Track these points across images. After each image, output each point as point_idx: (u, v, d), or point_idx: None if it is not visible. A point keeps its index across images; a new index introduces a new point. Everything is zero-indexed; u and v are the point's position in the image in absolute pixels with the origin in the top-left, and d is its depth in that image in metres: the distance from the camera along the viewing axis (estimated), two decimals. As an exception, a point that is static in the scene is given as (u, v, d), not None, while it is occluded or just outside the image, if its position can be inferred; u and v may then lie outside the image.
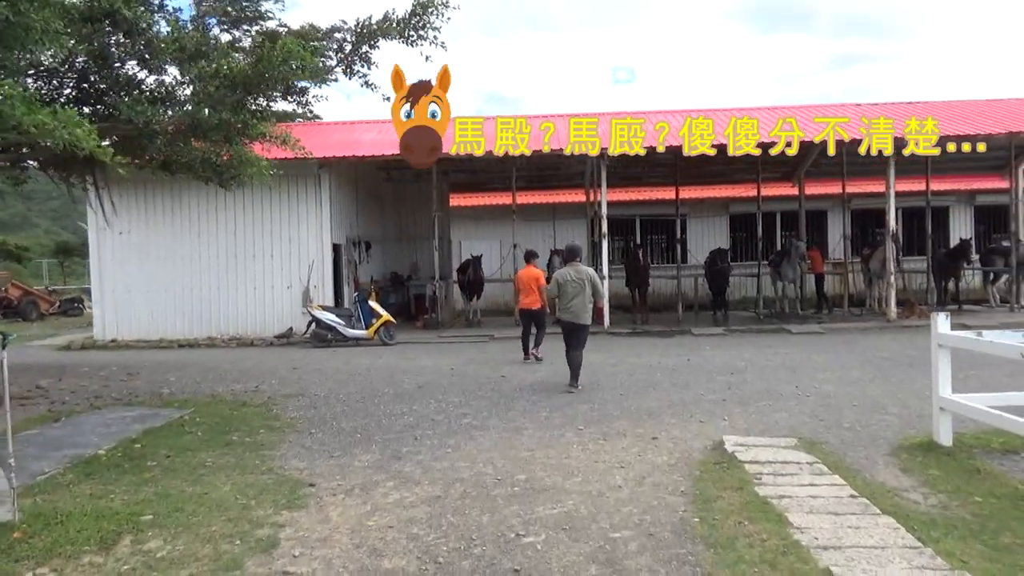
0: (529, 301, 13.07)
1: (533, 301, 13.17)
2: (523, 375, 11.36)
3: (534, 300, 13.15)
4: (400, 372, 11.89)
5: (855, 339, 14.56)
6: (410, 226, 23.20)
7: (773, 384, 10.07)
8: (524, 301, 12.95)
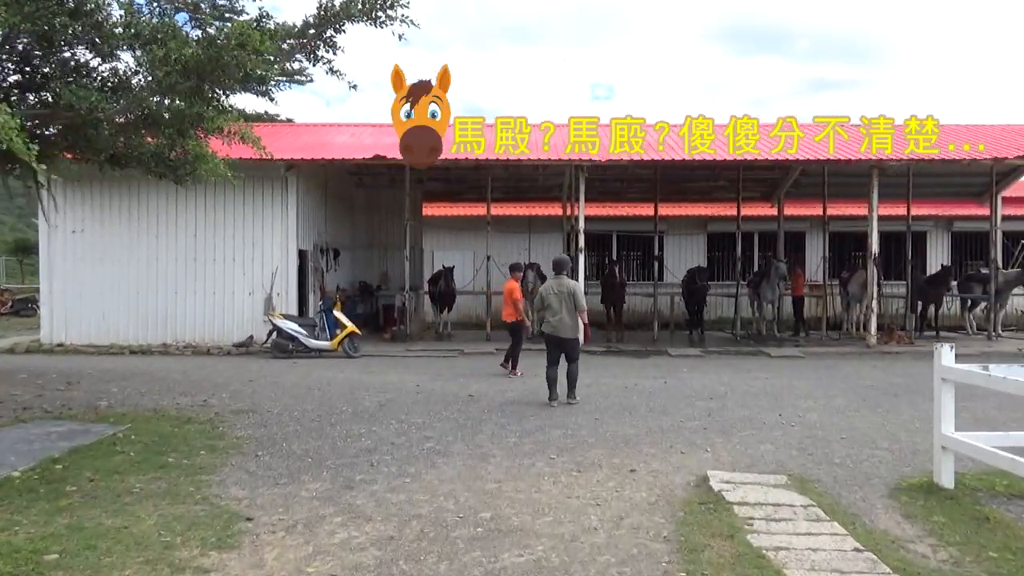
0: (504, 314, 12.83)
1: (508, 314, 12.70)
2: (493, 394, 10.73)
3: (508, 313, 12.69)
4: (362, 388, 11.20)
5: (836, 364, 14.14)
6: (381, 234, 22.49)
7: (755, 412, 9.55)
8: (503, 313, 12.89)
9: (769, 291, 18.62)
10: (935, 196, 22.91)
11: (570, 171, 17.93)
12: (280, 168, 15.70)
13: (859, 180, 21.07)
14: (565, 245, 21.37)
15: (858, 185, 21.38)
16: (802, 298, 19.44)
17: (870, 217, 16.07)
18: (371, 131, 19.41)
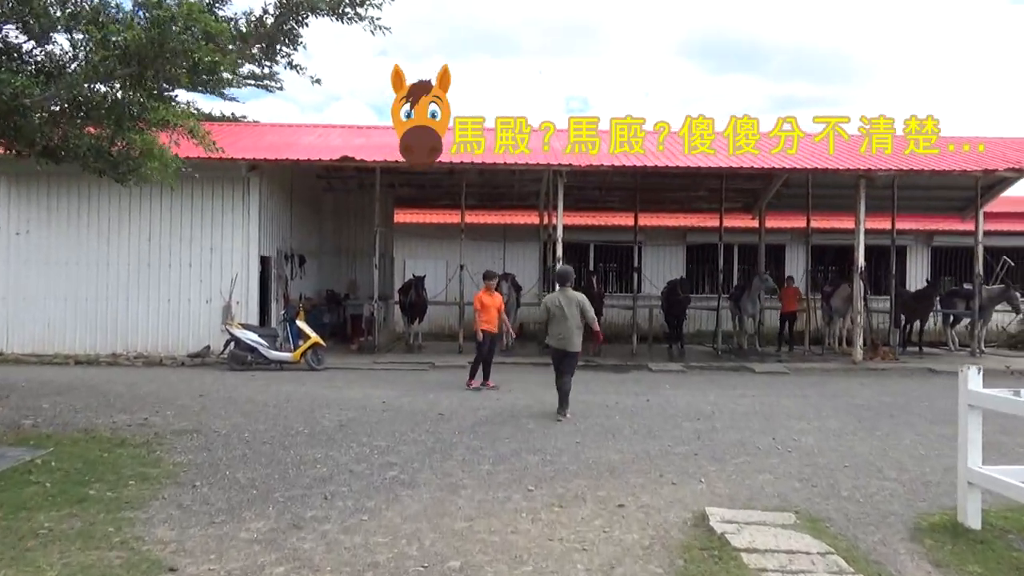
0: (492, 325, 12.25)
1: (484, 323, 12.13)
2: (464, 412, 9.93)
3: (484, 322, 12.15)
4: (323, 404, 10.33)
5: (823, 382, 13.56)
6: (350, 241, 21.59)
7: (747, 434, 8.87)
8: None
9: (751, 304, 18.07)
10: (916, 210, 22.59)
11: (548, 176, 17.24)
12: (241, 169, 14.80)
13: (843, 192, 20.69)
14: (541, 255, 20.69)
15: (841, 197, 20.99)
16: (794, 314, 18.65)
17: (857, 230, 15.58)
18: (340, 132, 18.57)
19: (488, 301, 12.14)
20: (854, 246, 22.89)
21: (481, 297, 12.20)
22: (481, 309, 12.09)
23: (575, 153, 15.22)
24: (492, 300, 12.19)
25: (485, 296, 12.20)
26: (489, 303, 12.13)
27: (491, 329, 12.10)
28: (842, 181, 20.06)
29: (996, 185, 19.08)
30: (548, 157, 15.22)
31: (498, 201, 22.75)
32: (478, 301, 12.19)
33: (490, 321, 12.08)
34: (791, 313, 18.82)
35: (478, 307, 12.14)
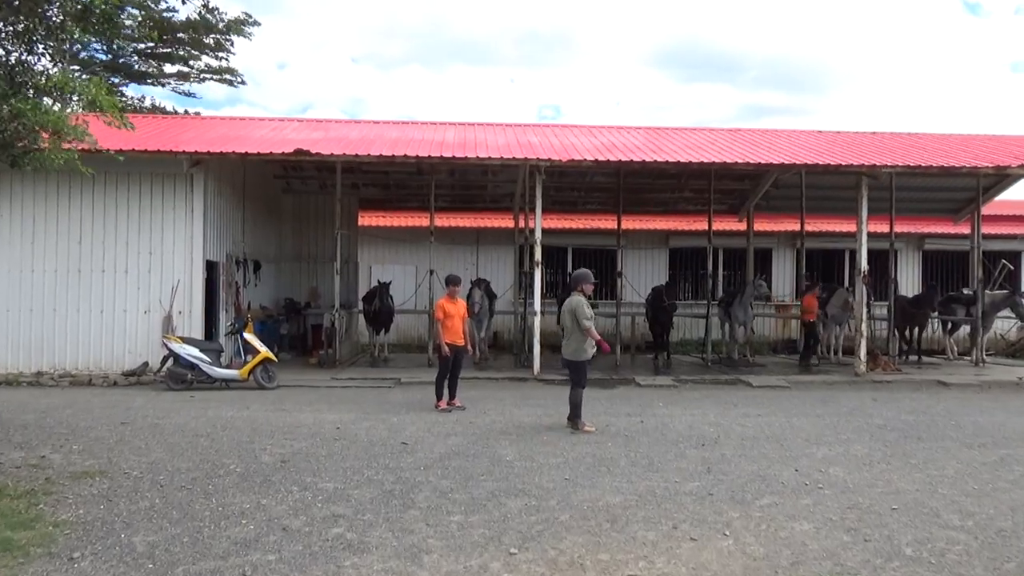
0: (456, 337, 10.86)
1: (448, 334, 10.77)
2: (432, 440, 8.50)
3: (448, 333, 10.78)
4: (266, 432, 8.82)
5: (831, 397, 12.32)
6: (311, 246, 20.03)
7: (764, 465, 7.55)
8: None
9: (742, 312, 16.86)
10: (907, 212, 21.59)
11: (524, 173, 15.90)
12: (183, 163, 13.22)
13: (834, 193, 19.68)
14: (517, 260, 19.31)
15: (834, 199, 19.99)
16: (814, 323, 16.78)
17: (858, 231, 14.41)
18: (296, 126, 17.06)
19: (451, 309, 10.75)
20: (855, 249, 21.41)
21: (443, 304, 10.81)
22: (444, 318, 10.71)
23: (555, 147, 13.91)
24: (456, 308, 10.80)
25: (447, 303, 10.80)
26: (452, 311, 10.74)
27: (456, 341, 10.71)
28: (835, 182, 19.06)
29: (995, 185, 18.16)
30: (525, 151, 13.88)
31: (471, 203, 21.37)
32: (440, 309, 10.81)
33: (454, 332, 10.69)
34: (812, 322, 16.52)
35: (440, 316, 10.76)
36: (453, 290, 10.91)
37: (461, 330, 10.81)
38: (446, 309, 10.76)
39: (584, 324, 9.20)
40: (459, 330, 10.77)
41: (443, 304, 10.83)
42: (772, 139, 16.15)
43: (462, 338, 10.85)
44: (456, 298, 10.96)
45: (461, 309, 10.91)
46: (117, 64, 25.12)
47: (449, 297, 10.94)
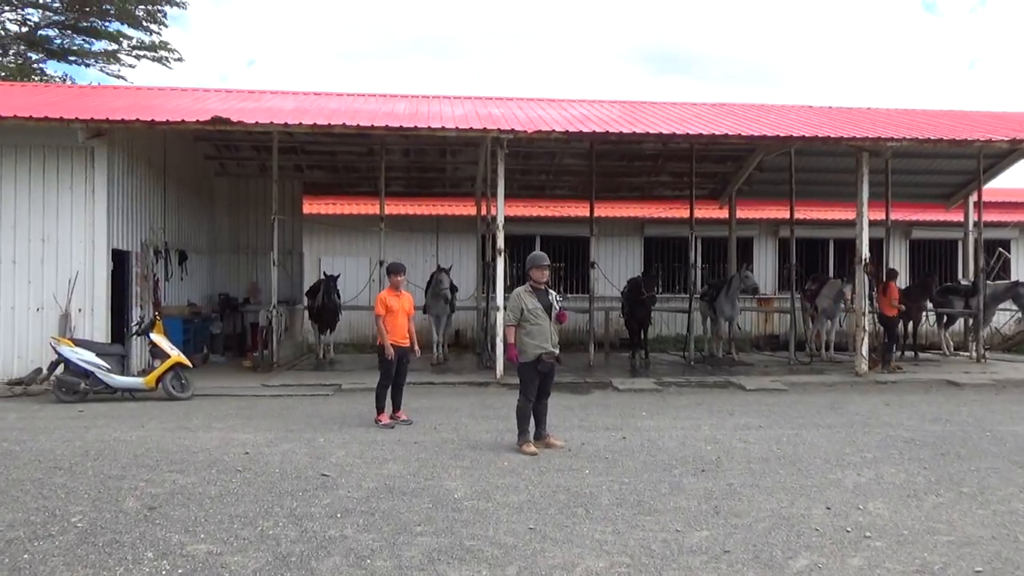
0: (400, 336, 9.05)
1: (403, 335, 9.03)
2: (362, 470, 6.69)
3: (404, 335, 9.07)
4: (149, 463, 6.92)
5: (836, 403, 10.72)
6: (250, 236, 17.98)
7: (784, 500, 5.88)
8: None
9: (728, 306, 15.27)
10: (895, 197, 20.27)
11: (486, 153, 14.12)
12: (77, 133, 11.17)
13: (823, 176, 18.25)
14: (480, 249, 17.53)
15: (822, 183, 18.56)
16: (893, 318, 14.34)
17: (859, 214, 12.87)
18: (223, 95, 15.04)
19: (394, 303, 8.96)
20: (841, 238, 20.83)
21: (384, 298, 9.02)
22: (385, 314, 8.92)
23: (519, 120, 12.15)
24: (399, 302, 9.01)
25: (390, 297, 9.01)
26: (396, 306, 8.95)
27: (400, 341, 8.94)
28: (825, 164, 17.64)
29: (994, 165, 16.84)
30: (485, 122, 12.07)
31: (429, 188, 19.52)
32: (380, 304, 9.02)
33: (398, 330, 8.91)
34: (891, 316, 14.29)
35: (380, 311, 8.97)
36: (396, 281, 9.10)
37: (407, 328, 9.03)
38: (388, 304, 8.96)
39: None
40: (404, 329, 8.99)
41: (384, 298, 9.04)
42: (761, 113, 14.61)
43: (407, 338, 9.06)
44: (401, 291, 9.16)
45: (407, 304, 9.11)
46: (34, 37, 22.71)
47: (392, 290, 9.13)
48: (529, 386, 7.62)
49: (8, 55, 23.57)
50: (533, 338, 7.58)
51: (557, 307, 7.75)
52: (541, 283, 7.76)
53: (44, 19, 21.34)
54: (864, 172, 12.58)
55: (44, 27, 22.05)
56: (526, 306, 7.61)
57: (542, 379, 7.70)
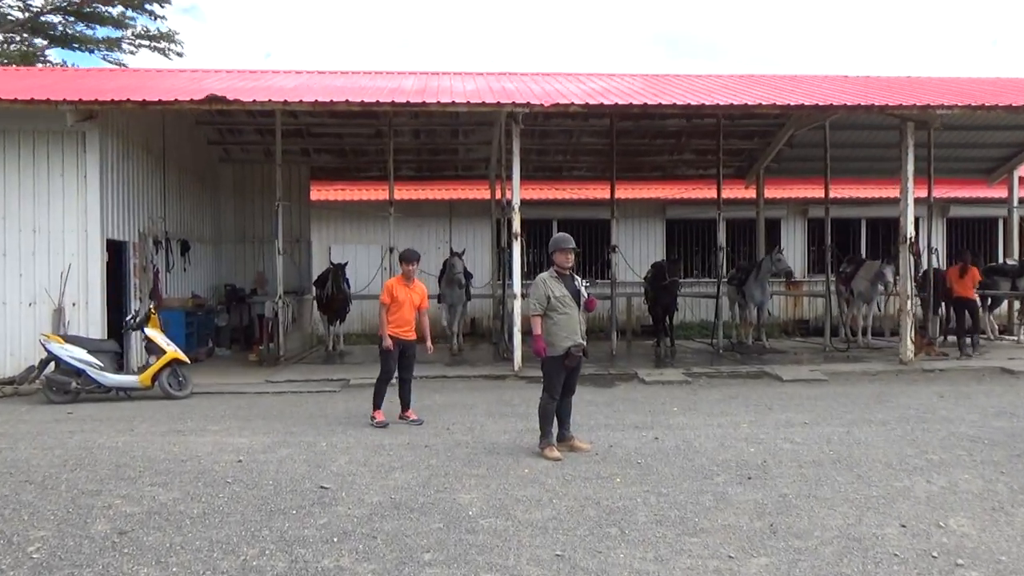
0: (405, 330, 8.37)
1: (407, 327, 8.33)
2: (366, 480, 5.98)
3: (410, 328, 8.38)
4: (130, 474, 6.25)
5: (883, 394, 9.87)
6: (257, 224, 17.31)
7: (850, 515, 5.10)
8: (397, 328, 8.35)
9: (759, 290, 14.40)
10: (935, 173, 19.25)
11: (499, 131, 13.31)
12: (66, 116, 10.47)
13: (856, 152, 17.28)
14: (495, 234, 16.76)
15: (855, 159, 17.57)
16: (974, 301, 13.67)
17: (903, 189, 11.93)
18: (222, 76, 14.27)
19: (402, 293, 8.24)
20: (875, 217, 19.85)
21: (392, 286, 8.31)
22: (391, 304, 8.21)
23: (535, 93, 11.33)
24: (408, 293, 8.29)
25: (399, 286, 8.30)
26: (403, 296, 8.24)
27: (404, 334, 8.25)
28: (860, 138, 16.67)
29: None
30: (498, 96, 11.25)
31: (440, 171, 18.74)
32: (387, 292, 8.32)
33: (402, 322, 8.19)
34: (968, 299, 13.60)
35: (386, 300, 8.28)
36: (408, 270, 8.36)
37: (412, 321, 8.30)
38: (395, 293, 8.24)
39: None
40: (409, 320, 8.27)
41: (392, 286, 8.32)
42: (793, 83, 13.66)
43: (412, 330, 8.33)
44: (412, 280, 8.42)
45: (417, 296, 8.38)
46: (37, 23, 22.10)
47: (403, 278, 8.40)
48: (555, 382, 6.87)
49: (13, 42, 23.00)
50: (561, 329, 6.82)
51: (585, 294, 6.98)
52: (566, 268, 6.99)
53: (47, 4, 20.70)
54: (909, 144, 11.63)
55: (47, 13, 21.43)
56: (552, 293, 6.85)
57: (568, 374, 6.94)
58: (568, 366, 6.84)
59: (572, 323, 6.82)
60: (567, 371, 6.88)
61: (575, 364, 6.89)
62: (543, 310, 6.85)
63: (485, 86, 12.16)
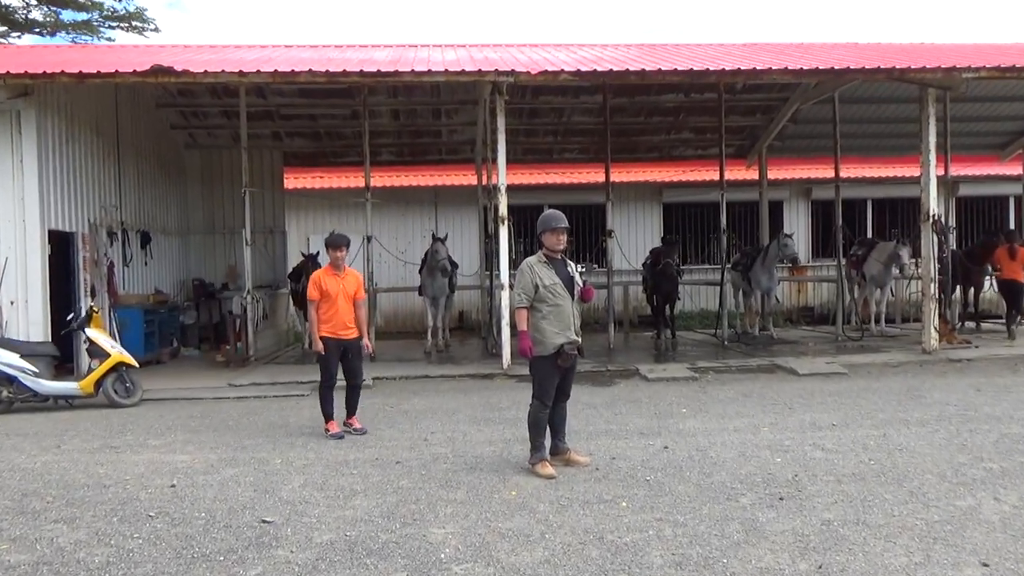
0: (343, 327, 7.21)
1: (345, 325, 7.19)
2: (320, 508, 4.94)
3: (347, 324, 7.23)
4: (35, 505, 5.19)
5: (914, 389, 8.86)
6: (227, 213, 16.19)
7: (913, 548, 4.10)
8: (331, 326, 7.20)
9: (766, 277, 13.40)
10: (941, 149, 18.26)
11: (484, 106, 12.23)
12: (-3, 93, 9.34)
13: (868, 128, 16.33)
14: (482, 221, 15.71)
15: (865, 136, 16.60)
16: (1022, 283, 12.80)
17: (924, 162, 10.92)
18: (179, 51, 13.09)
19: (332, 286, 7.15)
20: (880, 197, 18.90)
21: (320, 279, 7.22)
22: (321, 299, 7.12)
23: (521, 63, 10.25)
24: (340, 284, 7.18)
25: (327, 278, 7.21)
26: (335, 289, 7.15)
27: (344, 333, 7.14)
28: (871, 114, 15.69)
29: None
30: (480, 65, 10.16)
31: (423, 155, 17.65)
32: (314, 286, 7.22)
33: (337, 319, 7.11)
34: (1014, 282, 12.88)
35: (314, 296, 7.20)
36: (336, 257, 7.17)
37: (350, 316, 7.19)
38: (324, 286, 7.11)
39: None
40: (346, 316, 7.14)
41: (320, 278, 7.18)
42: (800, 51, 12.63)
43: (352, 327, 7.22)
44: (343, 269, 7.29)
45: (351, 285, 7.23)
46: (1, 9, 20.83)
47: (332, 268, 7.27)
48: (546, 387, 5.82)
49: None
50: (552, 324, 5.76)
51: (581, 282, 5.94)
52: (557, 251, 5.92)
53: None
54: (930, 112, 10.62)
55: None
56: (541, 282, 5.78)
57: (562, 377, 5.90)
58: (561, 367, 5.80)
59: (565, 316, 5.78)
60: (560, 373, 5.84)
61: (569, 364, 5.85)
62: (530, 302, 5.81)
63: (467, 56, 11.10)
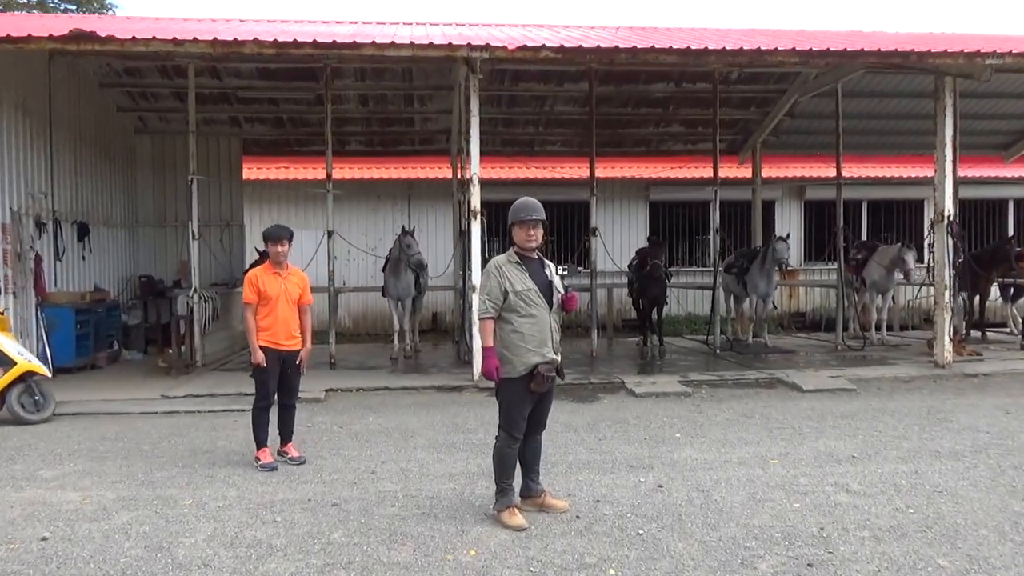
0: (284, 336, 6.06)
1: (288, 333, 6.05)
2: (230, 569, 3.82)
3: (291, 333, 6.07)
4: None
5: (933, 410, 7.86)
6: (180, 205, 14.82)
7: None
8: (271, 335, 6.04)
9: (763, 281, 12.39)
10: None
11: (459, 91, 11.11)
12: None
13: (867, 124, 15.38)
14: (457, 216, 14.57)
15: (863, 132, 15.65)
16: None
17: (939, 158, 9.99)
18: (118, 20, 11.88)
19: (273, 287, 6.02)
20: (874, 199, 17.99)
21: (257, 280, 6.07)
22: (259, 303, 5.99)
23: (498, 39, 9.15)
24: (281, 284, 6.06)
25: (266, 277, 6.08)
26: (275, 290, 6.02)
27: (285, 344, 6.03)
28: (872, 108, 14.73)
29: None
30: (452, 38, 9.05)
31: (395, 145, 16.47)
32: (250, 288, 6.08)
33: (279, 326, 6.00)
34: None
35: (251, 299, 6.04)
36: (277, 252, 6.03)
37: (293, 323, 6.06)
38: (262, 287, 5.97)
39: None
40: (288, 323, 6.01)
41: (257, 278, 6.02)
42: (804, 37, 11.60)
43: (296, 336, 6.11)
44: (285, 267, 6.16)
45: (295, 287, 6.11)
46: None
47: (272, 266, 6.14)
48: (515, 416, 4.71)
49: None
50: (525, 338, 4.64)
51: (561, 288, 4.83)
52: (531, 248, 4.81)
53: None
54: (947, 103, 9.66)
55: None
56: (511, 287, 4.66)
57: (536, 404, 4.79)
58: (535, 392, 4.70)
59: (540, 329, 4.67)
60: (533, 399, 4.74)
61: (545, 389, 4.74)
62: (498, 311, 4.70)
63: (439, 33, 9.99)
